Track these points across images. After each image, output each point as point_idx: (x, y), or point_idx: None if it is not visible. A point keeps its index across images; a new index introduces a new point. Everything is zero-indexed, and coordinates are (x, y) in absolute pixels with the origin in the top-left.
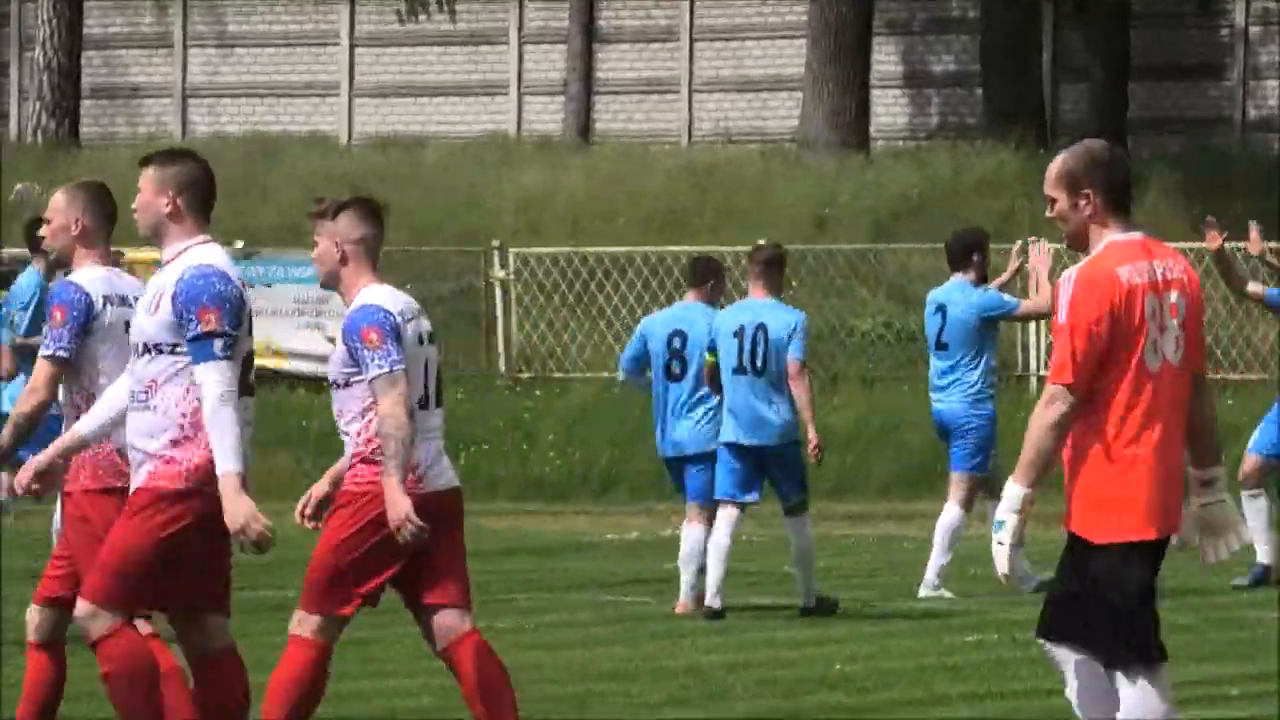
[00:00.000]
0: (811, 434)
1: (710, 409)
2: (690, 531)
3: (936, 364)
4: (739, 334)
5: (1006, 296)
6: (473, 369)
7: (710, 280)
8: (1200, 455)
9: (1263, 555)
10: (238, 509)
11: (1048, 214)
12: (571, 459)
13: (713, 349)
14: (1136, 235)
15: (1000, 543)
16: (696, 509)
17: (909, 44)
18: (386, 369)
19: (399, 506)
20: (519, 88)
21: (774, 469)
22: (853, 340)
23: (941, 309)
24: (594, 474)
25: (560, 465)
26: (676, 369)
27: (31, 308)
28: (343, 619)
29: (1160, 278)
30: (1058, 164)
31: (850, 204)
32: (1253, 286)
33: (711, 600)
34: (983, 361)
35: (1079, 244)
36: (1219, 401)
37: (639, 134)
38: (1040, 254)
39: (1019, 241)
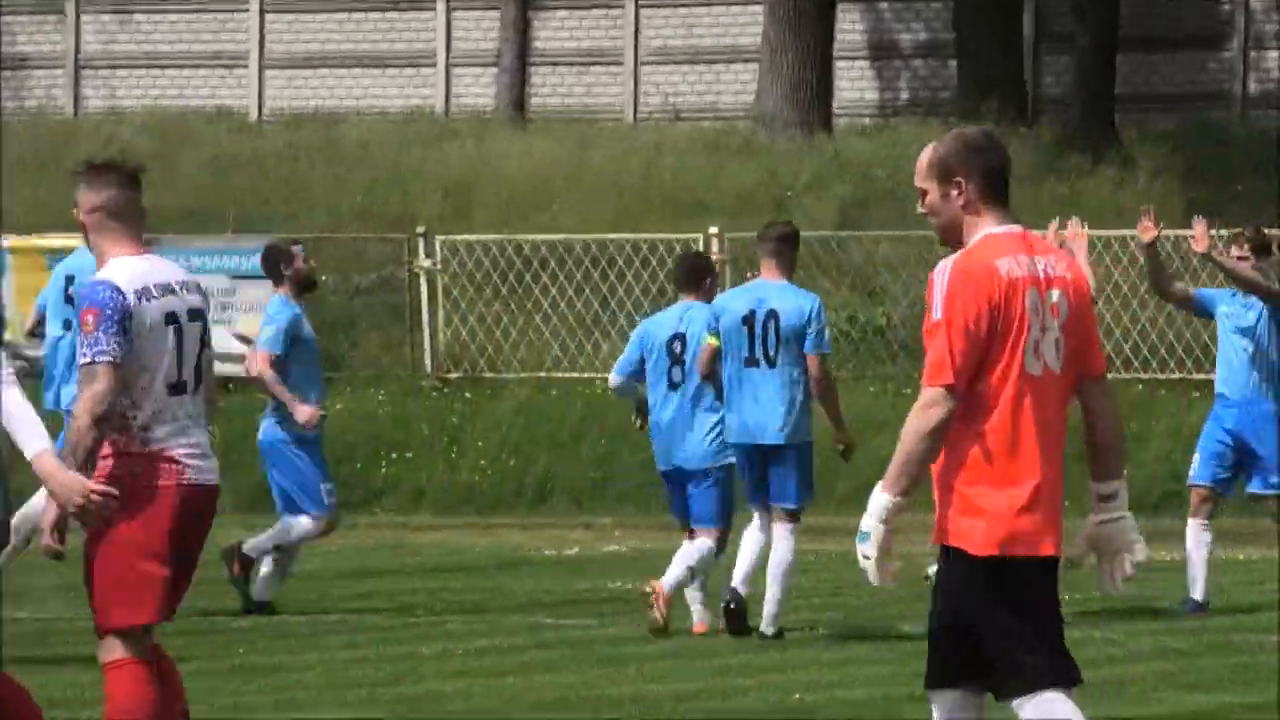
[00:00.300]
0: (839, 433)
1: (718, 421)
2: (696, 543)
3: None
4: (749, 320)
5: None
6: (396, 368)
7: (707, 278)
8: (1100, 468)
9: (1198, 592)
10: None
11: (919, 209)
12: (504, 467)
13: (715, 331)
14: (1015, 227)
15: (866, 556)
16: (702, 530)
17: (876, 11)
18: (89, 359)
19: (68, 486)
20: (447, 58)
21: (776, 470)
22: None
23: None
24: (529, 483)
25: (492, 474)
26: (678, 377)
27: None
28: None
29: (1042, 274)
30: (927, 153)
31: (811, 187)
32: (1179, 286)
33: (768, 626)
34: None
35: (951, 238)
36: (1196, 403)
37: (579, 110)
38: (1076, 233)
39: (1053, 222)
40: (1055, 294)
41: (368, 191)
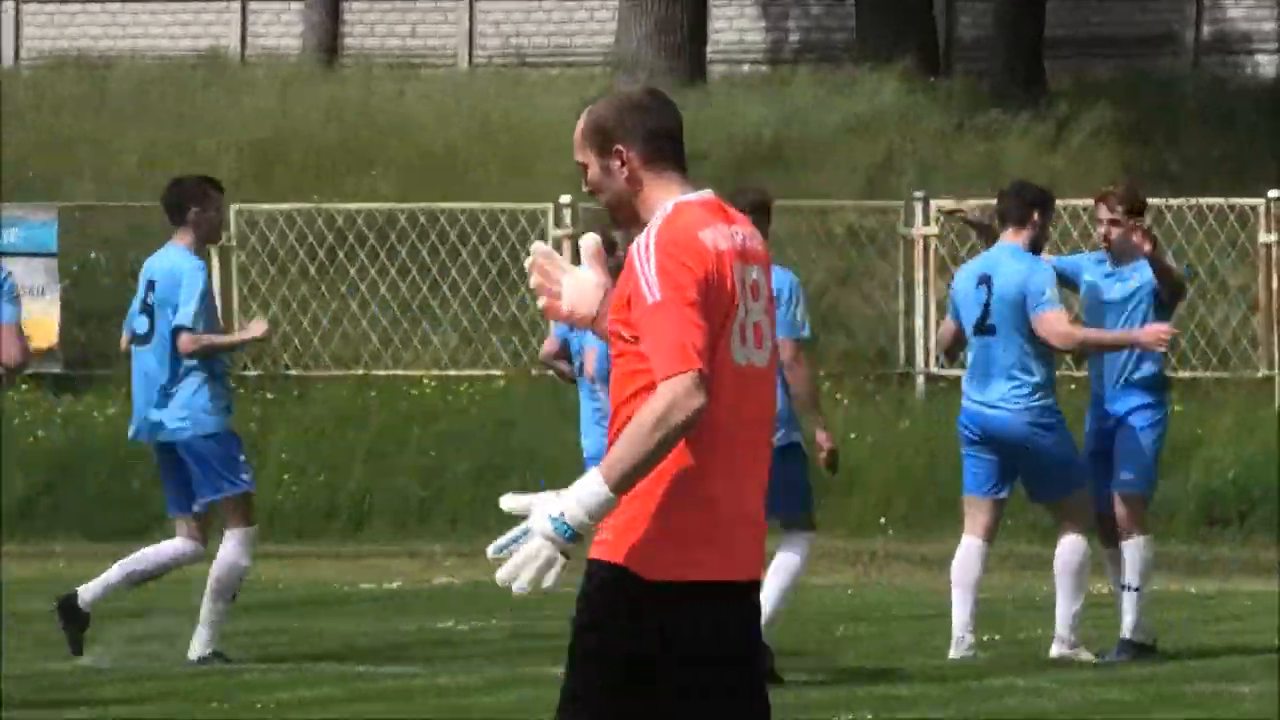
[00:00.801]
0: (821, 435)
1: None
2: None
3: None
4: None
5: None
6: None
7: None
8: None
9: (1133, 630)
10: None
11: (583, 186)
12: (313, 484)
13: None
14: (707, 193)
15: (566, 557)
16: None
17: None
18: None
19: None
20: None
21: (775, 475)
22: None
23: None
24: (343, 504)
25: (297, 492)
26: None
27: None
28: None
29: (739, 246)
30: (581, 121)
31: (693, 150)
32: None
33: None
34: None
35: (625, 217)
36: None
37: (402, 53)
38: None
39: (943, 203)
40: (754, 271)
41: (146, 151)
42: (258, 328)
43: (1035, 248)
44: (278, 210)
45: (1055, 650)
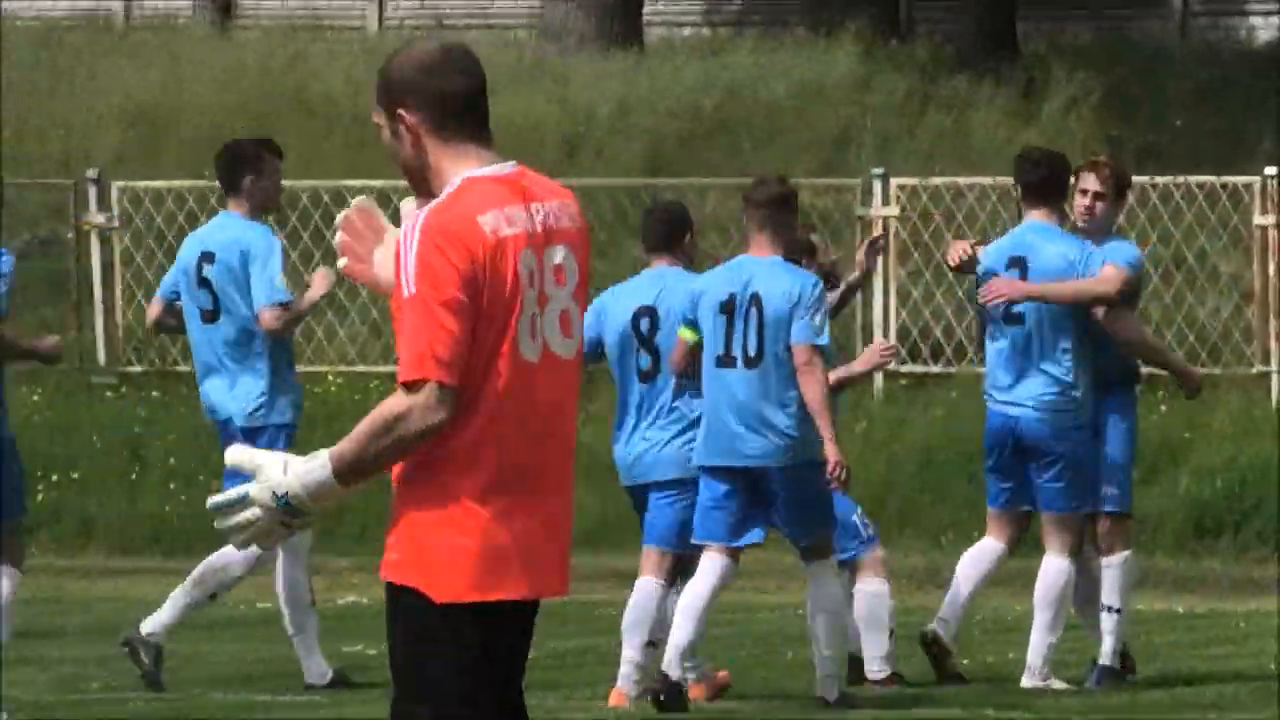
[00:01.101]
0: (829, 449)
1: (689, 420)
2: (641, 585)
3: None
4: (727, 307)
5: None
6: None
7: (685, 234)
8: None
9: (1105, 653)
10: None
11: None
12: (204, 493)
13: (692, 323)
14: (506, 167)
15: (281, 526)
16: (656, 555)
17: None
18: None
19: None
20: None
21: (778, 499)
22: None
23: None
24: None
25: (185, 502)
26: (646, 364)
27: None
28: None
29: (540, 227)
30: (379, 75)
31: (615, 121)
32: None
33: (670, 666)
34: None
35: (419, 187)
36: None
37: (305, 16)
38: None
39: (861, 244)
40: (559, 253)
41: (18, 124)
42: (323, 281)
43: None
44: (166, 188)
45: (1026, 681)
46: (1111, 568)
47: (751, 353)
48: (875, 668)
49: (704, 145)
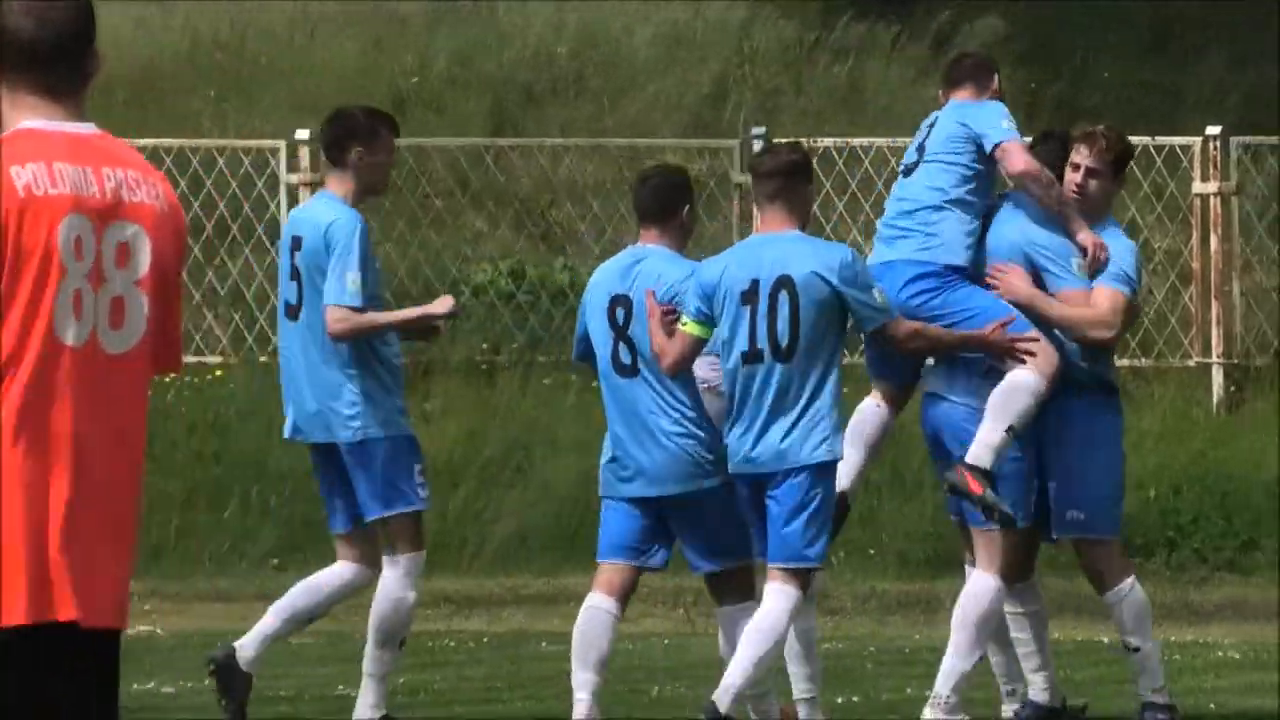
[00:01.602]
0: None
1: (699, 420)
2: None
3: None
4: (749, 296)
5: None
6: None
7: (684, 206)
8: None
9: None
10: None
11: None
12: None
13: (702, 316)
14: (81, 127)
15: None
16: (721, 578)
17: None
18: None
19: None
20: None
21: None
22: (466, 302)
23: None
24: None
25: None
26: (625, 357)
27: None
28: None
29: (108, 195)
30: None
31: (453, 72)
32: None
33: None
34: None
35: None
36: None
37: None
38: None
39: None
40: (128, 230)
41: None
42: (441, 304)
43: None
44: None
45: (928, 714)
46: (1116, 603)
47: (784, 344)
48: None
49: (556, 100)
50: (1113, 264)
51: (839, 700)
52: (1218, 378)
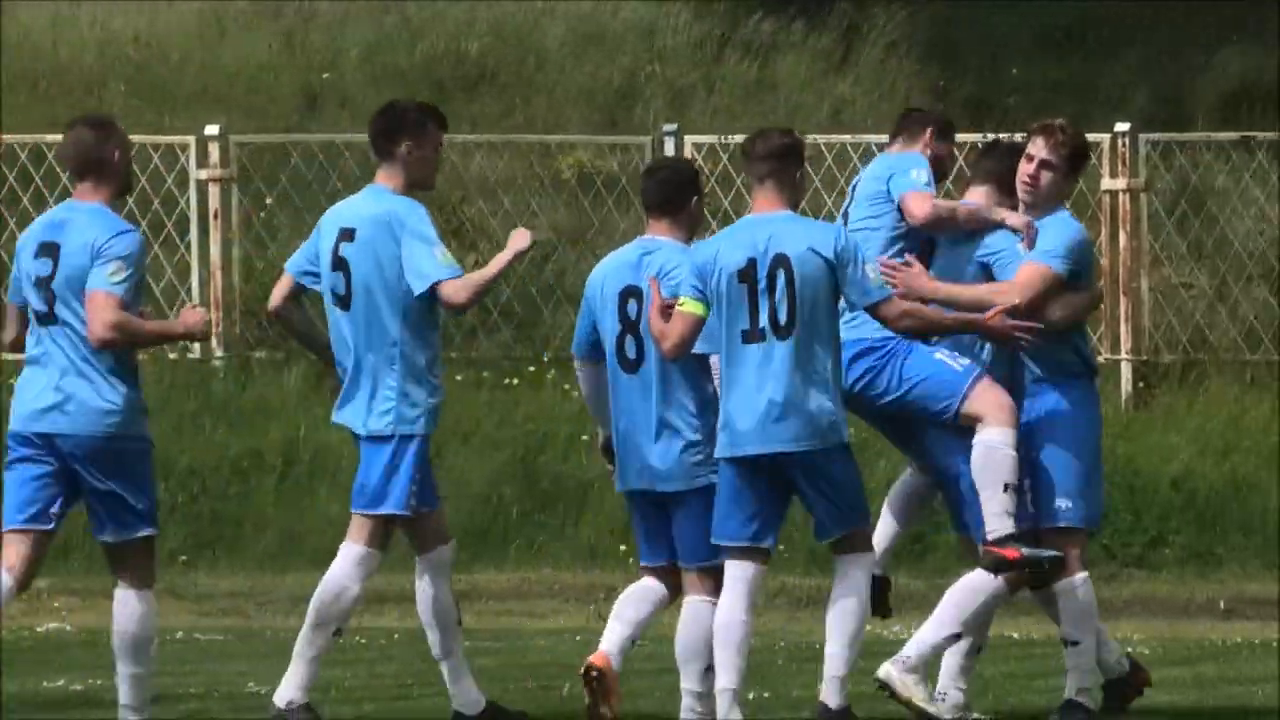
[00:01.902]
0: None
1: (700, 418)
2: (693, 610)
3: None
4: (746, 273)
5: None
6: None
7: (693, 197)
8: None
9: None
10: None
11: None
12: None
13: (700, 295)
14: None
15: None
16: (696, 576)
17: None
18: None
19: None
20: None
21: (809, 487)
22: None
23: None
24: None
25: None
26: (632, 352)
27: None
28: None
29: None
30: None
31: (363, 67)
32: None
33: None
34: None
35: None
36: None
37: None
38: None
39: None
40: None
41: None
42: (521, 237)
43: None
44: None
45: (885, 666)
46: (1065, 594)
47: (782, 322)
48: None
49: (467, 97)
50: (1042, 241)
51: (750, 696)
52: (1126, 374)
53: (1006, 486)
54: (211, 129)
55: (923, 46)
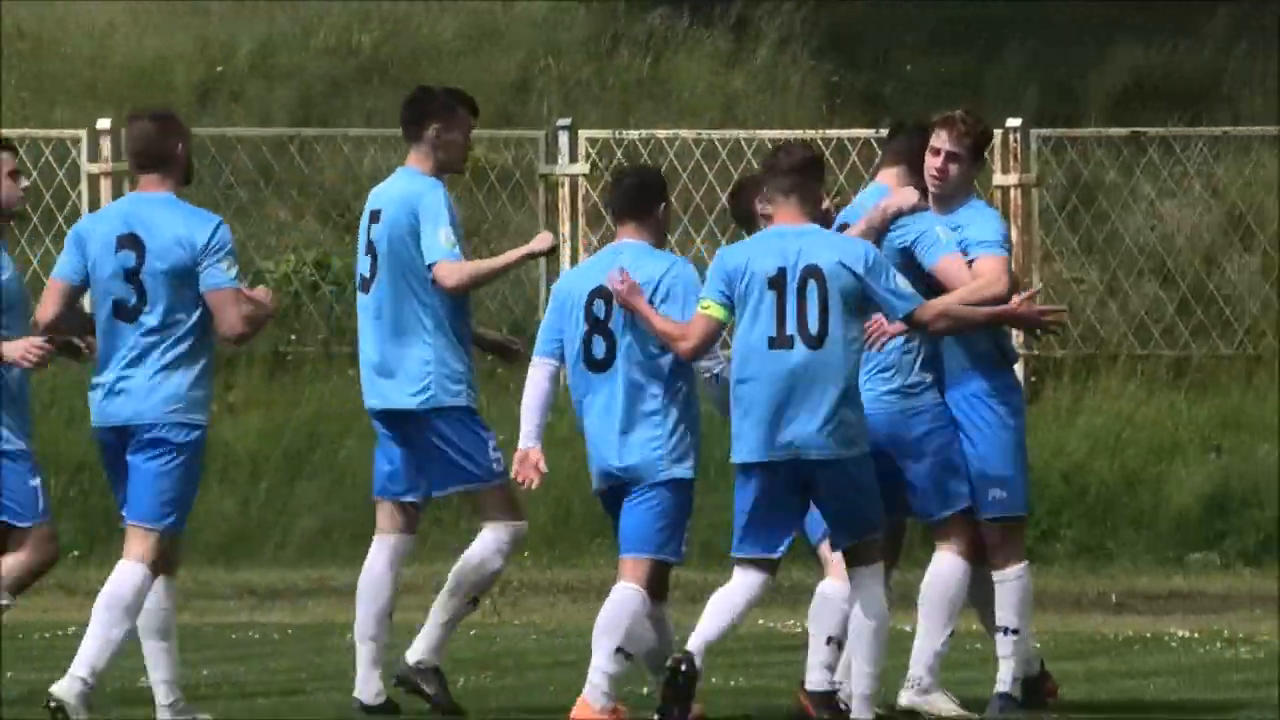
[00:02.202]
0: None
1: (674, 420)
2: (620, 594)
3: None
4: (776, 281)
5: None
6: None
7: (660, 203)
8: None
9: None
10: None
11: None
12: None
13: (724, 299)
14: None
15: None
16: (632, 564)
17: None
18: None
19: None
20: None
21: (827, 495)
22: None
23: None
24: None
25: None
26: (599, 352)
27: None
28: None
29: None
30: None
31: (257, 61)
32: None
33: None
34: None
35: None
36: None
37: None
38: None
39: None
40: None
41: None
42: (541, 240)
43: None
44: None
45: (903, 698)
46: (1004, 583)
47: (814, 331)
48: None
49: (360, 90)
50: (980, 233)
51: (644, 691)
52: (1018, 369)
53: (830, 640)
54: (103, 123)
55: (816, 42)
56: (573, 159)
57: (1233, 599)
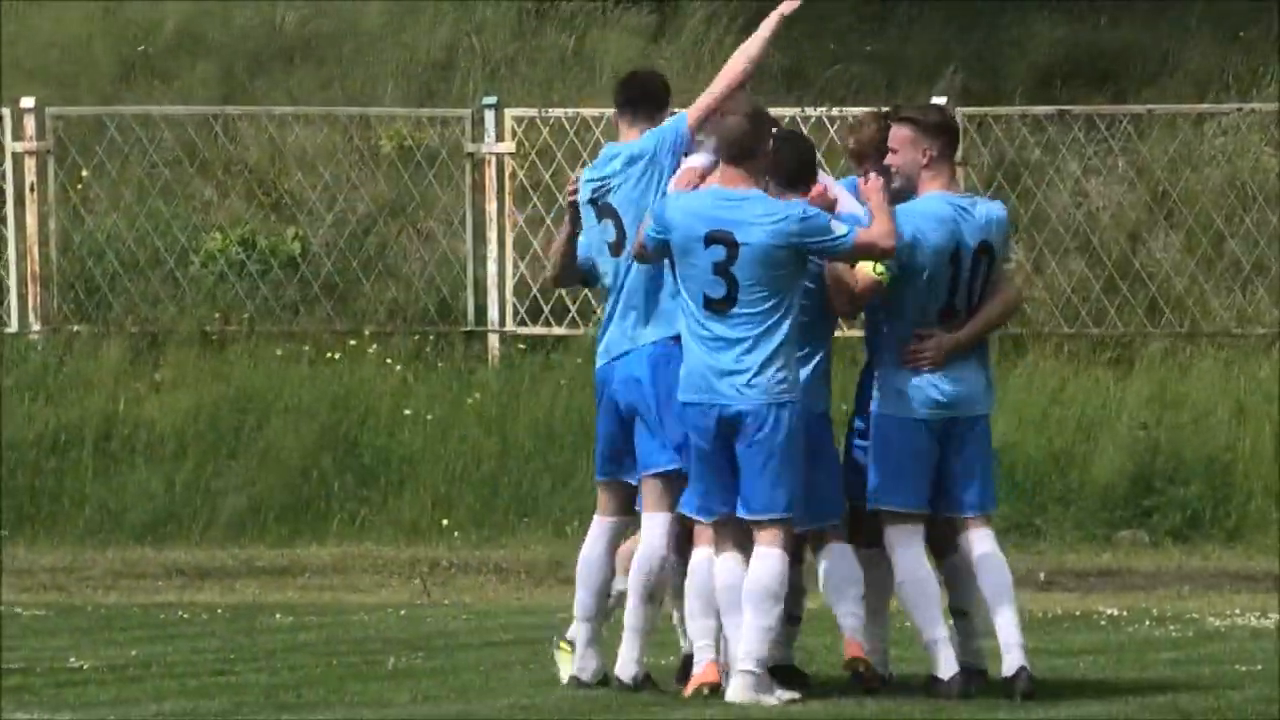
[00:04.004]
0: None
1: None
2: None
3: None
4: (955, 256)
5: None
6: None
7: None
8: None
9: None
10: None
11: None
12: None
13: (899, 271)
14: None
15: None
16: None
17: None
18: None
19: None
20: None
21: (956, 457)
22: (196, 272)
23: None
24: None
25: None
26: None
27: None
28: None
29: None
30: None
31: (180, 39)
32: None
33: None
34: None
35: None
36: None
37: None
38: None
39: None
40: None
41: None
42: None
43: None
44: None
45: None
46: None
47: (975, 304)
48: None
49: (284, 68)
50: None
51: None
52: None
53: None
54: (27, 101)
55: (741, 19)
56: (499, 137)
57: (1161, 576)
